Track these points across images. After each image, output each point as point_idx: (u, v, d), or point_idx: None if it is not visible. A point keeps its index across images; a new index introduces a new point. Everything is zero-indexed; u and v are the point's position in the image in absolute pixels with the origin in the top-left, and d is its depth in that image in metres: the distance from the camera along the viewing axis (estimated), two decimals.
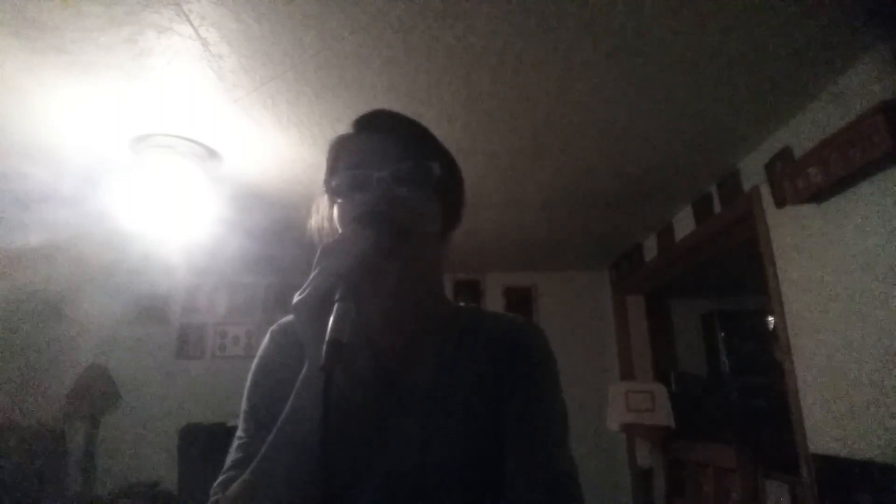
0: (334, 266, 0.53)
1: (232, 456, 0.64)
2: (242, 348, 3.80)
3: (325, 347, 0.48)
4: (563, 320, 3.73)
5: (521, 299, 3.83)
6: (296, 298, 0.54)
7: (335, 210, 0.66)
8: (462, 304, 0.78)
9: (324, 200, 0.70)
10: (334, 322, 0.49)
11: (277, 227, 2.77)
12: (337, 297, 0.51)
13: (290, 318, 0.72)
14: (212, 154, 2.06)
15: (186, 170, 2.03)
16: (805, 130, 1.75)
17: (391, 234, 0.58)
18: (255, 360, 0.72)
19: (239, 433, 0.67)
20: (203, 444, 3.02)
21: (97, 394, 3.41)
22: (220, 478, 0.62)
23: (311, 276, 0.55)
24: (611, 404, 3.05)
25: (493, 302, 3.82)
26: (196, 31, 1.39)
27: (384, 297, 0.58)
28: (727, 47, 1.46)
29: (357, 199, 0.62)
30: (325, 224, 0.70)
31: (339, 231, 0.65)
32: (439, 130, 0.72)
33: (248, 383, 0.70)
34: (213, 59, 1.51)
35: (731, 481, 2.50)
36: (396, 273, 0.59)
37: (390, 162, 0.63)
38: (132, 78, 1.59)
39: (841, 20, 1.36)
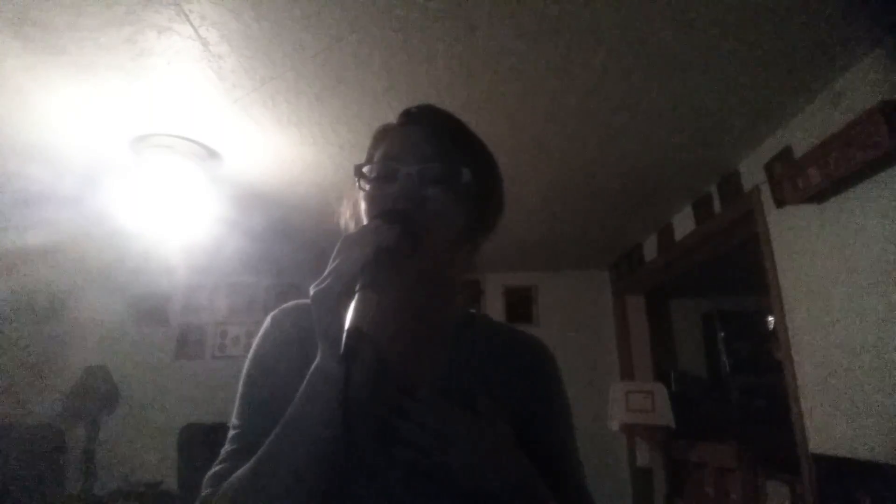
0: (355, 257, 0.52)
1: (226, 447, 0.62)
2: (242, 348, 3.80)
3: (345, 335, 0.46)
4: (564, 320, 3.73)
5: (521, 299, 3.82)
6: (313, 289, 0.53)
7: (361, 197, 0.66)
8: (473, 311, 0.77)
9: (354, 186, 0.69)
10: (356, 310, 0.48)
11: (277, 227, 2.77)
12: (358, 286, 0.50)
13: (291, 304, 0.71)
14: (212, 154, 2.05)
15: (186, 170, 2.03)
16: (805, 130, 1.75)
17: (413, 233, 0.58)
18: (255, 346, 0.68)
19: (234, 421, 0.64)
20: (203, 444, 3.02)
21: (97, 394, 3.41)
22: (213, 470, 0.59)
23: (330, 266, 0.53)
24: (611, 404, 3.05)
25: (493, 302, 3.82)
26: (196, 31, 1.39)
27: (402, 293, 0.57)
28: (727, 47, 1.46)
29: (383, 193, 0.63)
30: (353, 209, 0.70)
31: (363, 221, 0.65)
32: None
33: (245, 368, 0.67)
34: (213, 59, 1.51)
35: (731, 481, 2.50)
36: (415, 271, 0.58)
37: (420, 160, 0.63)
38: (132, 78, 1.59)
39: (841, 20, 1.36)
